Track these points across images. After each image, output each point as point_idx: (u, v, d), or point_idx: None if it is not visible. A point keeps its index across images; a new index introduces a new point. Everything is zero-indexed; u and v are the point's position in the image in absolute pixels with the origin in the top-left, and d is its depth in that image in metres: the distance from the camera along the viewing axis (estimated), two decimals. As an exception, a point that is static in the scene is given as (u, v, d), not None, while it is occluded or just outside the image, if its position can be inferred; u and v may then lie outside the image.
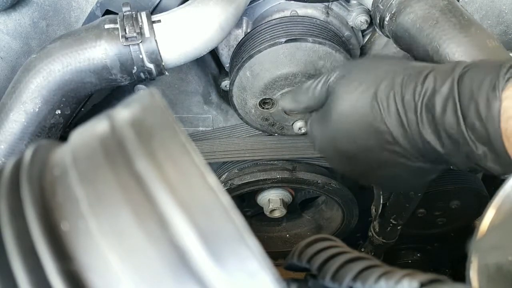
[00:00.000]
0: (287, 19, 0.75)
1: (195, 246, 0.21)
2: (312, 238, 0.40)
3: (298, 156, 0.93)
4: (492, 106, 0.41)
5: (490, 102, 0.41)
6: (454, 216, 1.09)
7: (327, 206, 1.15)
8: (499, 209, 0.32)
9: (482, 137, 0.43)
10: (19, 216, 0.24)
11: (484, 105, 0.42)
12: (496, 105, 0.41)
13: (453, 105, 0.44)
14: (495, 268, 0.30)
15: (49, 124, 0.61)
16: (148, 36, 0.59)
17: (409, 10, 0.60)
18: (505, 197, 0.33)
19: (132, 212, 0.22)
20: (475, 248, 0.31)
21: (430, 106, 0.46)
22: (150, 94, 0.27)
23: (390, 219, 0.98)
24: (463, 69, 0.45)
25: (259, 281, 0.21)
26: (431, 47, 0.57)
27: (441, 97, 0.45)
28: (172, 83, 0.85)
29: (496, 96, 0.41)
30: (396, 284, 0.32)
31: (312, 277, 0.38)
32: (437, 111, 0.45)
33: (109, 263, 0.22)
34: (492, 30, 0.77)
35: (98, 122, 0.27)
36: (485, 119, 0.42)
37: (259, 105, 0.79)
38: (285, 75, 0.74)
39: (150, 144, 0.24)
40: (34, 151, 0.28)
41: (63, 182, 0.25)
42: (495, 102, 0.41)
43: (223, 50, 0.81)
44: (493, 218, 0.32)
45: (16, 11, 0.70)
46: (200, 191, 0.23)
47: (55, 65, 0.58)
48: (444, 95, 0.45)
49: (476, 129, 0.43)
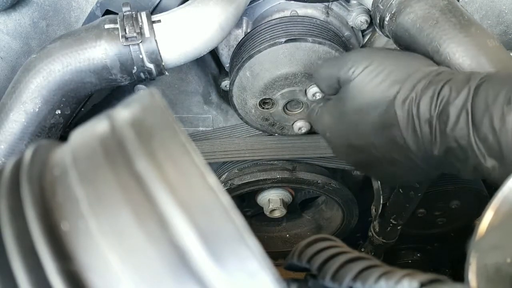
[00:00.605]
0: (287, 19, 0.75)
1: (195, 246, 0.21)
2: (312, 238, 0.40)
3: (298, 156, 0.93)
4: (507, 119, 0.41)
5: (505, 115, 0.41)
6: (454, 216, 1.09)
7: (327, 206, 1.15)
8: (498, 211, 0.32)
9: (493, 150, 0.43)
10: (19, 216, 0.24)
11: (498, 118, 0.42)
12: (510, 119, 0.41)
13: (466, 117, 0.44)
14: (494, 269, 0.30)
15: (49, 124, 0.61)
16: (148, 36, 0.59)
17: (409, 10, 0.60)
18: (504, 199, 0.33)
19: (132, 212, 0.22)
20: (474, 249, 0.31)
21: (444, 116, 0.46)
22: (150, 94, 0.27)
23: (390, 219, 0.98)
24: (478, 81, 0.45)
25: (259, 281, 0.21)
26: (431, 47, 0.57)
27: (455, 109, 0.45)
28: (172, 83, 0.85)
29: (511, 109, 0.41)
30: (396, 284, 0.32)
31: (312, 277, 0.38)
32: (450, 122, 0.46)
33: (109, 263, 0.22)
34: (492, 30, 0.77)
35: (98, 122, 0.27)
36: (499, 131, 0.42)
37: (259, 105, 0.79)
38: (285, 75, 0.74)
39: (150, 144, 0.24)
40: (34, 151, 0.28)
41: (63, 182, 0.25)
42: (509, 116, 0.41)
43: (223, 50, 0.81)
44: (492, 219, 0.32)
45: (16, 11, 0.70)
46: (200, 191, 0.23)
47: (55, 65, 0.58)
48: (458, 106, 0.45)
49: (489, 142, 0.43)
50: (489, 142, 0.43)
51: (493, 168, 0.44)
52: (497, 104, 0.42)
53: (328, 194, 0.99)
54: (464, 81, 0.47)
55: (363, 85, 0.53)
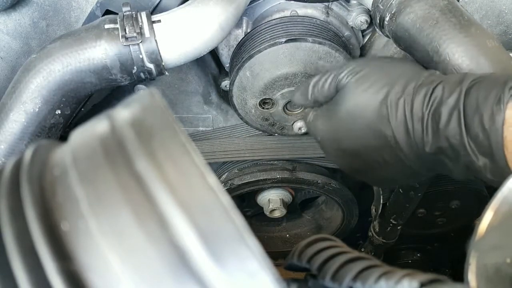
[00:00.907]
0: (287, 19, 0.75)
1: (195, 246, 0.21)
2: (312, 238, 0.40)
3: (298, 156, 0.93)
4: (496, 118, 0.42)
5: (495, 114, 0.42)
6: (454, 216, 1.09)
7: (327, 206, 1.15)
8: (497, 211, 0.33)
9: (484, 148, 0.44)
10: (19, 216, 0.24)
11: (488, 117, 0.43)
12: (500, 118, 0.42)
13: (458, 116, 0.45)
14: (493, 269, 0.30)
15: (49, 124, 0.61)
16: (148, 36, 0.59)
17: (409, 10, 0.60)
18: (504, 199, 0.33)
19: (132, 212, 0.22)
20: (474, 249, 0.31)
21: (436, 116, 0.47)
22: (150, 94, 0.27)
23: (390, 219, 0.99)
24: (470, 82, 0.46)
25: (259, 281, 0.21)
26: (431, 47, 0.57)
27: (447, 108, 0.46)
28: (172, 83, 0.85)
29: (501, 109, 0.42)
30: (396, 284, 0.32)
31: (312, 277, 0.38)
32: (442, 121, 0.47)
33: (109, 263, 0.22)
34: (492, 30, 0.77)
35: (98, 122, 0.27)
36: (489, 130, 0.43)
37: (259, 105, 0.79)
38: (285, 75, 0.74)
39: (150, 144, 0.24)
40: (34, 151, 0.28)
41: (63, 182, 0.25)
42: (499, 115, 0.42)
43: (223, 50, 0.81)
44: (492, 220, 0.32)
45: (16, 11, 0.70)
46: (200, 191, 0.23)
47: (55, 65, 0.58)
48: (450, 106, 0.46)
49: (479, 140, 0.44)
50: (479, 141, 0.44)
51: (484, 166, 0.45)
52: (488, 104, 0.43)
53: (328, 194, 0.99)
54: (457, 82, 0.48)
55: (354, 88, 0.54)
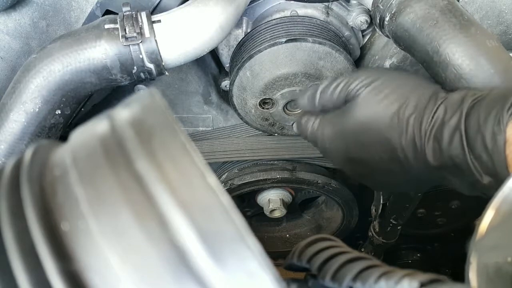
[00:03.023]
0: (287, 19, 0.75)
1: (195, 246, 0.21)
2: (312, 238, 0.40)
3: (298, 156, 0.93)
4: (497, 138, 0.43)
5: (496, 135, 0.43)
6: (454, 216, 1.09)
7: (327, 206, 1.15)
8: (498, 210, 0.33)
9: (488, 168, 0.45)
10: (19, 216, 0.24)
11: (490, 138, 0.44)
12: (501, 138, 0.43)
13: (460, 137, 0.47)
14: (494, 269, 0.30)
15: (49, 124, 0.61)
16: (148, 36, 0.59)
17: (409, 10, 0.60)
18: (504, 198, 0.33)
19: (132, 212, 0.22)
20: (474, 249, 0.31)
21: (438, 136, 0.49)
22: (150, 94, 0.27)
23: (390, 219, 0.99)
24: (471, 102, 0.47)
25: (259, 281, 0.21)
26: (431, 47, 0.57)
27: (449, 129, 0.48)
28: (172, 83, 0.85)
29: (501, 129, 0.43)
30: (396, 284, 0.32)
31: (312, 277, 0.38)
32: (445, 141, 0.48)
33: (109, 263, 0.22)
34: (492, 30, 0.77)
35: (98, 122, 0.27)
36: (491, 151, 0.44)
37: (259, 105, 0.79)
38: (285, 75, 0.74)
39: (150, 144, 0.24)
40: (34, 151, 0.28)
41: (63, 182, 0.25)
42: (500, 135, 0.43)
43: (223, 50, 0.81)
44: (492, 219, 0.32)
45: (16, 11, 0.70)
46: (200, 191, 0.23)
47: (55, 65, 0.58)
48: (452, 127, 0.47)
49: (483, 160, 0.45)
50: (483, 161, 0.45)
51: (489, 184, 0.46)
52: (488, 124, 0.44)
53: (328, 194, 0.99)
54: (458, 101, 0.49)
55: (368, 99, 0.55)
